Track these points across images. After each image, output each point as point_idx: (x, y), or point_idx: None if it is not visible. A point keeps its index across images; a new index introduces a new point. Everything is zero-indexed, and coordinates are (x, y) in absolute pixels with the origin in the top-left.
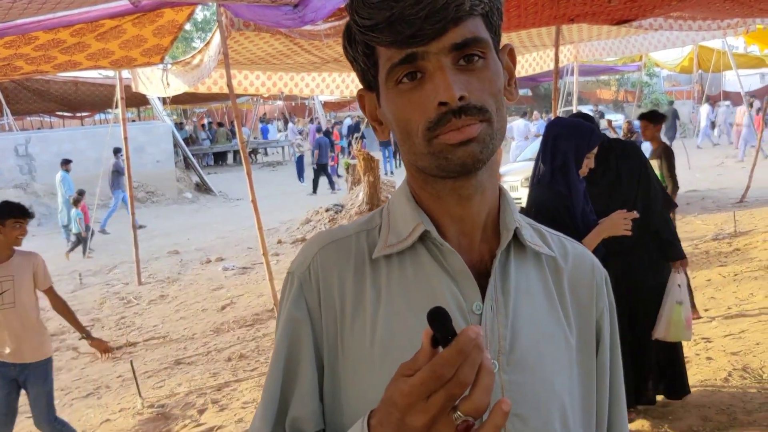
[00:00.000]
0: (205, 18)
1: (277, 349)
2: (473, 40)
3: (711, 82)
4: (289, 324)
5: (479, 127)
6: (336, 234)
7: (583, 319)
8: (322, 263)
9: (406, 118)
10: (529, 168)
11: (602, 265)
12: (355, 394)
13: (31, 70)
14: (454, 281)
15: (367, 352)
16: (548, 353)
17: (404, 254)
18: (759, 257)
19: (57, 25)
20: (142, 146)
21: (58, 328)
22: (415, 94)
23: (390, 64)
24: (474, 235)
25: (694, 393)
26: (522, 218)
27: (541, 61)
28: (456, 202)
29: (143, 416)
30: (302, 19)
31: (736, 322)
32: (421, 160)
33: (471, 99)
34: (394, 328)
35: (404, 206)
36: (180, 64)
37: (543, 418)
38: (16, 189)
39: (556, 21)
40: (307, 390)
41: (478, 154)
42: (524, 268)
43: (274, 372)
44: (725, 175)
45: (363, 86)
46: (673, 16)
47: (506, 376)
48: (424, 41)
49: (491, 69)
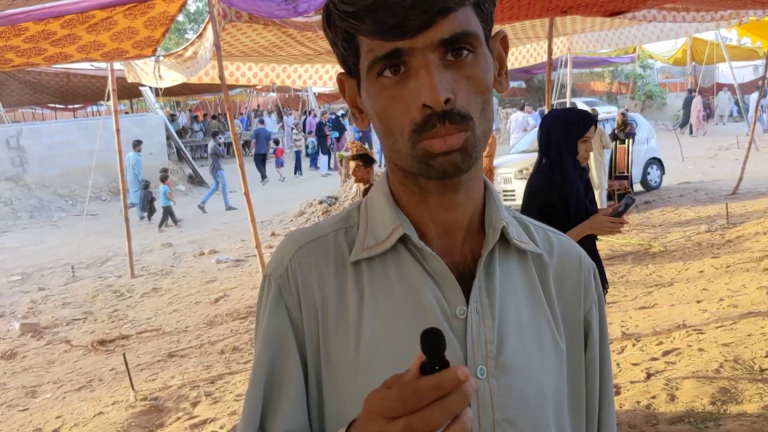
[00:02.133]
0: (198, 9)
1: (259, 360)
2: (462, 34)
3: (704, 74)
4: (271, 333)
5: (463, 137)
6: (313, 233)
7: (571, 316)
8: (301, 264)
9: (388, 114)
10: (523, 160)
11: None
12: (338, 397)
13: (22, 63)
14: (437, 285)
15: (351, 355)
16: (536, 354)
17: (386, 256)
18: (751, 249)
19: (47, 15)
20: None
21: (50, 321)
22: (398, 90)
23: (373, 57)
24: (457, 234)
25: (686, 384)
26: (508, 213)
27: (535, 53)
28: (437, 201)
29: (136, 409)
30: (295, 10)
31: (728, 313)
32: (402, 160)
33: (456, 103)
34: (378, 332)
35: (383, 205)
36: (172, 56)
37: (534, 421)
38: (7, 181)
39: (549, 13)
40: (296, 401)
41: (460, 164)
42: (509, 267)
43: (256, 384)
44: (718, 167)
45: (343, 70)
46: (666, 7)
47: (494, 380)
48: (408, 33)
49: (481, 64)
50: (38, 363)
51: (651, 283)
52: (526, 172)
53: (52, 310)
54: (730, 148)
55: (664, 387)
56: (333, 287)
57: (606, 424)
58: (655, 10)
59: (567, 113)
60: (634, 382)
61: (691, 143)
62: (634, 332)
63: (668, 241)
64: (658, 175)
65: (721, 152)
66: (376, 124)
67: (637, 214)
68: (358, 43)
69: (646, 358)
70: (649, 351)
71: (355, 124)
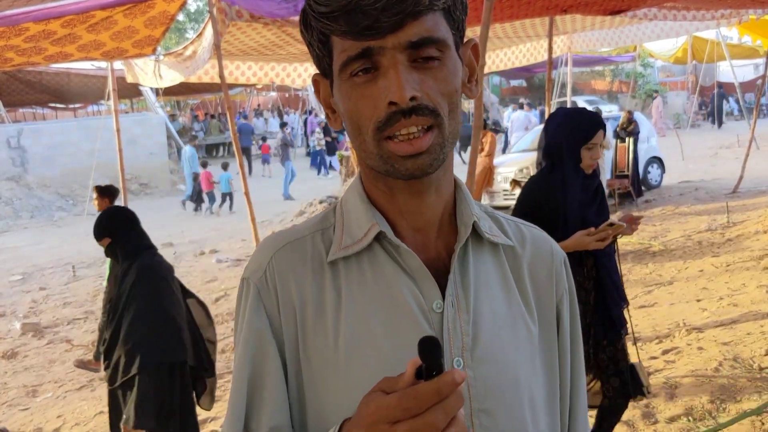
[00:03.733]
0: (198, 8)
1: (240, 363)
2: (430, 39)
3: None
4: (251, 336)
5: (429, 138)
6: (290, 235)
7: (543, 305)
8: (279, 267)
9: (357, 113)
10: (523, 159)
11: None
12: (320, 397)
13: (22, 62)
14: (413, 281)
15: (330, 355)
16: (510, 345)
17: (362, 255)
18: (751, 248)
19: (47, 16)
20: (136, 138)
21: (51, 321)
22: (368, 90)
23: (345, 57)
24: (429, 231)
25: (685, 382)
26: (478, 208)
27: (535, 51)
28: (408, 199)
29: None
30: (295, 9)
31: (727, 312)
32: (370, 159)
33: (423, 99)
34: (356, 331)
35: (358, 205)
36: (172, 55)
37: (510, 410)
38: (8, 181)
39: (549, 12)
40: (279, 399)
41: (427, 167)
42: (482, 261)
43: (238, 387)
44: (718, 166)
45: (318, 71)
46: (666, 6)
47: (471, 372)
48: (379, 34)
49: (448, 67)
50: (39, 362)
51: (651, 282)
52: (526, 172)
53: (53, 309)
54: (731, 146)
55: (663, 385)
56: (311, 289)
57: (576, 409)
58: (655, 9)
59: (574, 115)
60: None
61: (691, 142)
62: (633, 331)
63: (668, 240)
64: (658, 174)
65: (722, 151)
66: (346, 124)
67: (637, 213)
68: (331, 44)
69: (646, 357)
70: (648, 350)
71: (329, 123)
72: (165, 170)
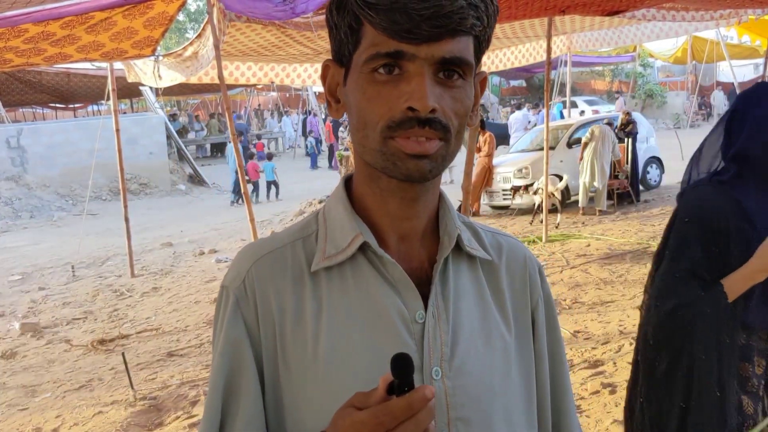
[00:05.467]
0: (198, 9)
1: (217, 372)
2: (460, 60)
3: (704, 72)
4: (228, 345)
5: (436, 145)
6: (270, 244)
7: (519, 313)
8: (258, 276)
9: (369, 108)
10: (522, 159)
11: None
12: (298, 406)
13: (21, 63)
14: (395, 291)
15: (309, 365)
16: (486, 356)
17: (344, 265)
18: None
19: (46, 17)
20: (135, 138)
21: (50, 321)
22: (387, 89)
23: (375, 51)
24: (413, 240)
25: None
26: (457, 219)
27: (534, 52)
28: (399, 203)
29: (135, 408)
30: (293, 11)
31: None
32: (370, 155)
33: (440, 115)
34: (336, 341)
35: (341, 214)
36: (172, 56)
37: (486, 419)
38: (7, 181)
39: (547, 12)
40: (253, 410)
41: (426, 172)
42: (460, 272)
43: (213, 395)
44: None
45: (333, 57)
46: (665, 6)
47: (449, 381)
48: (417, 40)
49: (466, 91)
50: (38, 362)
51: None
52: (525, 171)
53: (52, 309)
54: None
55: None
56: (290, 298)
57: (564, 408)
58: (654, 10)
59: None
60: None
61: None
62: (631, 331)
63: None
64: (657, 174)
65: None
66: (351, 116)
67: (636, 213)
68: (362, 34)
69: None
70: None
71: (329, 112)
72: (165, 170)
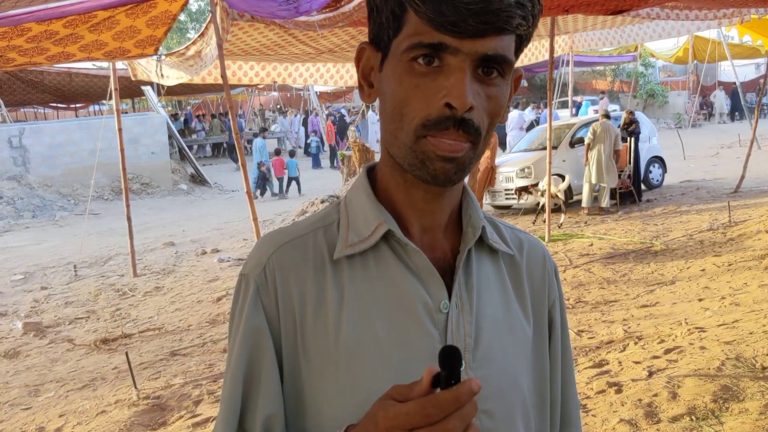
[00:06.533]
0: (200, 8)
1: (237, 359)
2: (502, 58)
3: (706, 72)
4: (249, 333)
5: (465, 148)
6: (291, 232)
7: (537, 310)
8: (279, 265)
9: (406, 101)
10: (524, 158)
11: None
12: (319, 396)
13: (24, 62)
14: (419, 280)
15: (331, 353)
16: (509, 348)
17: (366, 253)
18: (753, 247)
19: (50, 16)
20: (137, 138)
21: (53, 320)
22: (425, 81)
23: (417, 40)
24: (437, 232)
25: (688, 382)
26: (481, 212)
27: (537, 51)
28: (423, 196)
29: (139, 408)
30: (297, 10)
31: (729, 311)
32: (399, 149)
33: (474, 115)
34: (359, 330)
35: (364, 202)
36: (174, 55)
37: (508, 412)
38: (9, 181)
39: (550, 12)
40: (274, 394)
41: (452, 175)
42: (482, 265)
43: (234, 383)
44: (720, 165)
45: (370, 40)
46: (668, 5)
47: (473, 372)
48: (461, 34)
49: (503, 90)
50: (41, 362)
51: (653, 281)
52: (528, 171)
53: (55, 309)
54: (732, 146)
55: (665, 385)
56: (312, 287)
57: (570, 419)
58: (657, 8)
59: None
60: (635, 380)
61: (693, 142)
62: (635, 330)
63: (670, 240)
64: (659, 174)
65: (723, 150)
66: (386, 105)
67: (639, 213)
68: (404, 21)
69: (648, 357)
70: (650, 349)
71: (361, 95)
72: (166, 170)
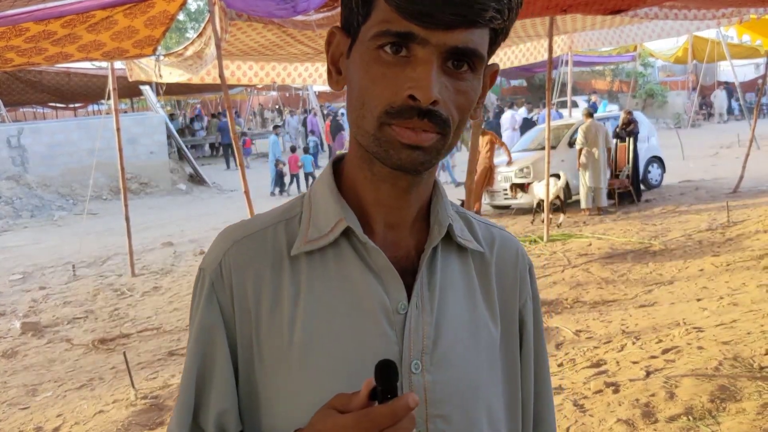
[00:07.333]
0: (199, 8)
1: (191, 356)
2: (472, 52)
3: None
4: (202, 330)
5: (433, 138)
6: (252, 226)
7: (508, 311)
8: (235, 260)
9: (370, 88)
10: (523, 158)
11: None
12: (272, 395)
13: (23, 62)
14: (379, 280)
15: (284, 353)
16: (472, 350)
17: (326, 250)
18: (751, 247)
19: (48, 16)
20: (136, 137)
21: (51, 320)
22: (392, 71)
23: (384, 28)
24: (402, 228)
25: (685, 381)
26: (451, 208)
27: (535, 51)
28: (390, 191)
29: (137, 407)
30: (294, 9)
31: (727, 311)
32: (363, 137)
33: (441, 107)
34: (313, 329)
35: (327, 197)
36: (173, 55)
37: (468, 417)
38: (8, 180)
39: (549, 11)
40: (227, 390)
41: (419, 165)
42: (449, 263)
43: (188, 380)
44: (719, 166)
45: (341, 25)
46: (667, 5)
47: (429, 376)
48: (431, 25)
49: (473, 84)
50: (39, 361)
51: (651, 281)
52: (526, 171)
53: (53, 308)
54: (731, 146)
55: (663, 385)
56: (268, 284)
57: (543, 419)
58: (656, 8)
59: None
60: (633, 380)
61: (692, 142)
62: (633, 330)
63: (668, 240)
64: (658, 174)
65: (722, 150)
66: (351, 92)
67: (637, 213)
68: (373, 8)
69: (646, 356)
70: (648, 349)
71: (329, 82)
72: (165, 169)
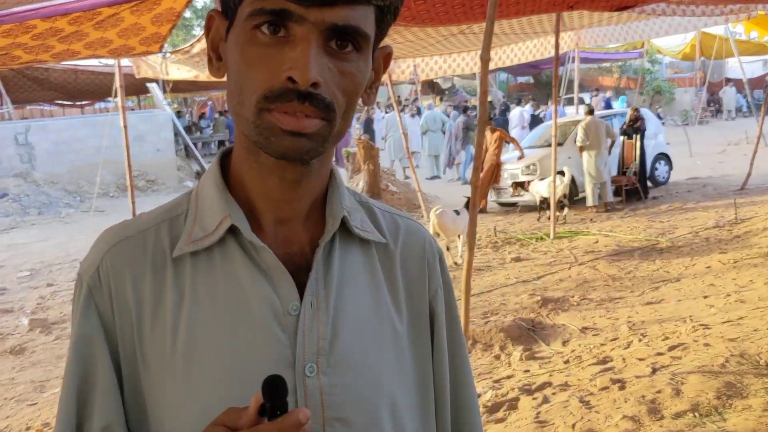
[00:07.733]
0: (206, 5)
1: (70, 368)
2: (355, 30)
3: (713, 68)
4: (80, 342)
5: (317, 124)
6: (130, 228)
7: (415, 302)
8: (113, 264)
9: (247, 73)
10: (530, 155)
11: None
12: (159, 405)
13: (30, 60)
14: (268, 280)
15: (168, 362)
16: (374, 348)
17: (213, 250)
18: (759, 244)
19: (54, 13)
20: (143, 135)
21: (59, 317)
22: (269, 52)
23: (259, 6)
24: (294, 223)
25: (692, 378)
26: (354, 199)
27: (542, 47)
28: (278, 184)
29: None
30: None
31: (734, 308)
32: (244, 125)
33: (323, 90)
34: (197, 334)
35: (212, 192)
36: (179, 52)
37: (369, 418)
38: (15, 178)
39: (555, 8)
40: (111, 403)
41: (304, 153)
42: (349, 257)
43: (68, 394)
44: (727, 163)
45: (219, 7)
46: (674, 1)
47: (326, 378)
48: (306, 2)
49: (359, 66)
50: (47, 358)
51: (658, 278)
52: (533, 168)
53: (61, 305)
54: (739, 143)
55: (669, 382)
56: (149, 288)
57: (465, 406)
58: (663, 4)
59: None
60: (639, 377)
61: (699, 138)
62: (640, 327)
63: (676, 237)
64: (665, 171)
65: (730, 147)
66: (230, 78)
67: (644, 210)
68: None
69: (652, 353)
70: (655, 346)
71: (209, 69)
72: (172, 167)
